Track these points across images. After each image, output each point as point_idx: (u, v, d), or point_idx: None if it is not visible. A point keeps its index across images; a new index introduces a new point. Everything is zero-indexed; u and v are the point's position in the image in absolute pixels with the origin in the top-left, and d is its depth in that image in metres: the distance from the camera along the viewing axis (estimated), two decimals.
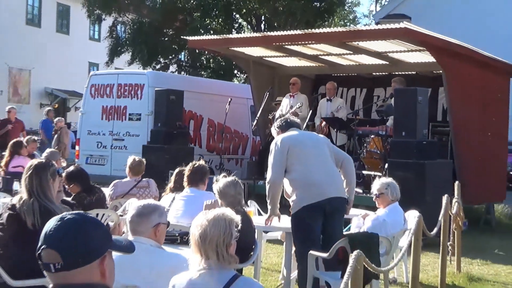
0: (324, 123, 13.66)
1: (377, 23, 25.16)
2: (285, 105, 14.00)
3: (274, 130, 7.23)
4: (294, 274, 7.07)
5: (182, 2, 26.82)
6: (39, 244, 2.30)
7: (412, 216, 7.14)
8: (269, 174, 6.82)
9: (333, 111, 13.77)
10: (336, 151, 7.16)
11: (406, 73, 14.30)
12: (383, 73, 15.01)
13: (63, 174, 7.76)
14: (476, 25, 24.86)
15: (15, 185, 9.03)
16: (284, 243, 7.54)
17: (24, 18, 34.97)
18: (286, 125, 7.11)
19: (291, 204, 6.82)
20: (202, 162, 7.80)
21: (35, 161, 5.53)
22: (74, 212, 2.40)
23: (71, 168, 8.28)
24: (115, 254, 2.42)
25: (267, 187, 6.84)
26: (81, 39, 37.55)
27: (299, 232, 6.81)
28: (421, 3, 27.10)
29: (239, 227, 3.77)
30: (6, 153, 11.42)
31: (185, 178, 7.30)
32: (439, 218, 8.00)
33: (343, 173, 6.94)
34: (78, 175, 7.85)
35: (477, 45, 14.35)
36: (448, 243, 8.59)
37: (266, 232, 8.22)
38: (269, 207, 6.88)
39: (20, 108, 29.90)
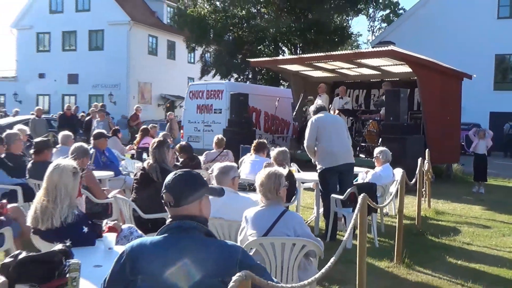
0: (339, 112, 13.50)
1: (373, 47, 24.64)
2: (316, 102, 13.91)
3: (311, 111, 7.17)
4: (321, 210, 7.03)
5: (246, 37, 26.79)
6: (162, 190, 2.32)
7: (398, 172, 7.00)
8: (305, 141, 6.81)
9: (343, 105, 13.66)
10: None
11: (393, 79, 14.02)
12: (377, 79, 14.76)
13: (177, 147, 7.93)
14: (443, 45, 24.60)
15: (144, 155, 9.18)
16: (315, 190, 7.50)
17: (147, 50, 35.25)
18: (318, 109, 7.02)
19: (317, 165, 6.81)
20: (262, 139, 7.81)
21: (156, 140, 5.57)
22: (184, 169, 2.41)
23: (183, 143, 8.39)
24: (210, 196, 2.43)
25: (306, 149, 6.83)
26: (183, 62, 37.69)
27: (323, 183, 6.80)
28: (403, 32, 27.10)
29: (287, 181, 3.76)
30: (138, 135, 11.63)
31: (252, 148, 7.34)
32: (416, 173, 7.87)
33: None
34: (186, 148, 7.98)
35: (440, 57, 14.07)
36: (422, 189, 8.46)
37: (303, 182, 8.18)
38: (311, 157, 6.89)
39: (146, 107, 30.40)
